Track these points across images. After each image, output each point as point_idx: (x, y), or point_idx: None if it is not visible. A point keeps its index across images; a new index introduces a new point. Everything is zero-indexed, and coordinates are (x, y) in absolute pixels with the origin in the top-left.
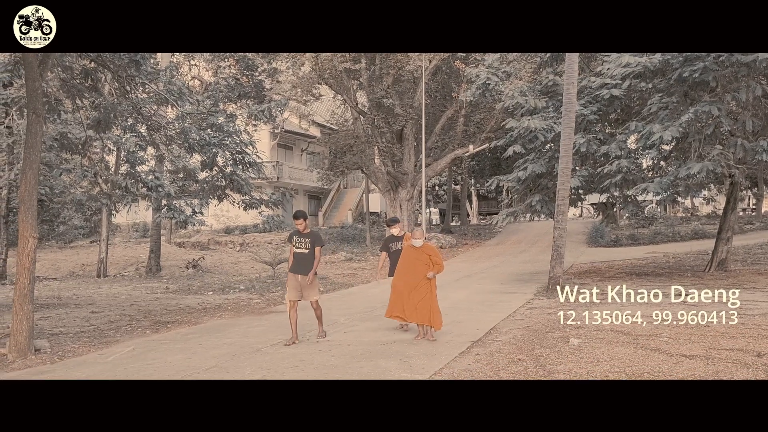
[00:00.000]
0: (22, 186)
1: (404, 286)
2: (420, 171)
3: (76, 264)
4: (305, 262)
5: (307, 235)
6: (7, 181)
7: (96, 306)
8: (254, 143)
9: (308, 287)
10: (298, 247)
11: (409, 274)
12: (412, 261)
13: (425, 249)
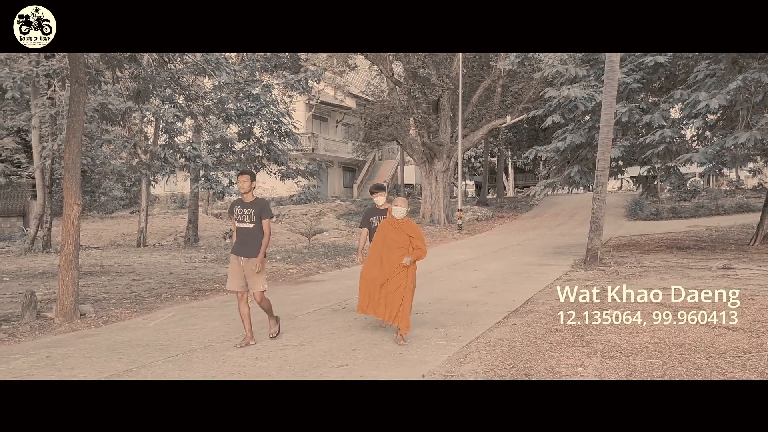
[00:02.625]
0: (66, 154)
1: (375, 274)
2: (456, 142)
3: (117, 233)
4: (250, 240)
5: (252, 204)
6: (50, 152)
7: (137, 274)
8: (291, 113)
9: (253, 274)
10: (240, 221)
11: (382, 259)
12: (386, 242)
13: (405, 226)
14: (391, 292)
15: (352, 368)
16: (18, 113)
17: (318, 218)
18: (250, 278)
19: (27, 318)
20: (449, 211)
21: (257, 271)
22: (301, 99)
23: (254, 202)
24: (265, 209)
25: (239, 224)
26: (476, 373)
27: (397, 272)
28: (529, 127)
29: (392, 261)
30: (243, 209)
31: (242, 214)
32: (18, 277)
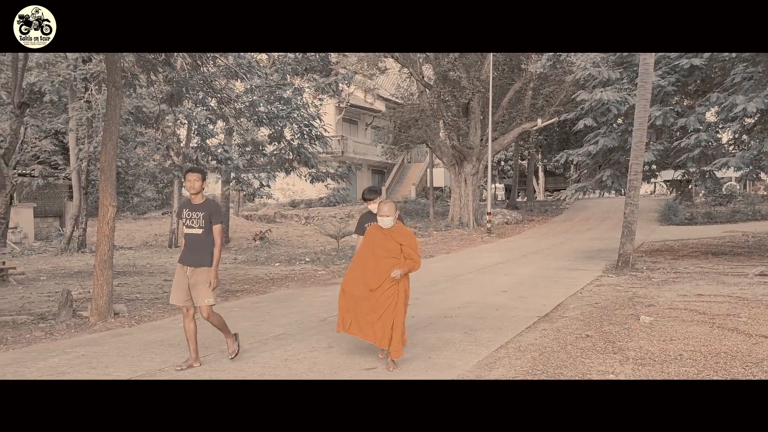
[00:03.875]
0: (103, 156)
1: (359, 289)
2: (486, 145)
3: (149, 234)
4: (198, 247)
5: (201, 207)
6: (86, 154)
7: (168, 274)
8: (321, 116)
9: (198, 285)
10: (188, 226)
11: (368, 270)
12: (375, 250)
13: (397, 233)
14: (380, 311)
15: (380, 372)
16: (56, 116)
17: (346, 220)
18: (195, 290)
19: (63, 316)
20: (478, 214)
21: (212, 287)
22: (331, 102)
23: (203, 204)
24: (215, 213)
25: (187, 230)
26: (506, 378)
27: (386, 286)
28: (560, 130)
29: (380, 272)
30: (191, 213)
31: (190, 218)
32: (54, 276)
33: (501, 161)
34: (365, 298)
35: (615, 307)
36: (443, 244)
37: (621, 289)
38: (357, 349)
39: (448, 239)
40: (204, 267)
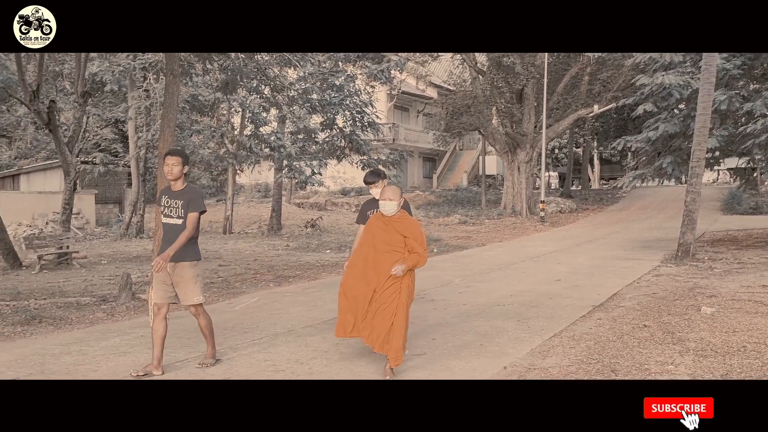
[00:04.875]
0: (161, 143)
1: (359, 287)
2: (540, 132)
3: (204, 221)
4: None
5: (181, 194)
6: (145, 142)
7: (223, 260)
8: (373, 103)
9: (182, 282)
10: (166, 215)
11: (368, 266)
12: (376, 243)
13: (399, 224)
14: (379, 310)
15: (431, 357)
16: (116, 105)
17: None
18: (180, 288)
19: (123, 299)
20: (531, 202)
21: (154, 269)
22: (383, 89)
23: (184, 191)
24: (194, 200)
25: (165, 219)
26: (560, 366)
27: (388, 284)
28: (618, 116)
29: (380, 269)
30: (170, 200)
31: (168, 206)
32: (114, 261)
33: (555, 149)
34: (367, 297)
35: (674, 297)
36: (495, 233)
37: (681, 280)
38: (410, 332)
39: (501, 228)
40: (185, 262)
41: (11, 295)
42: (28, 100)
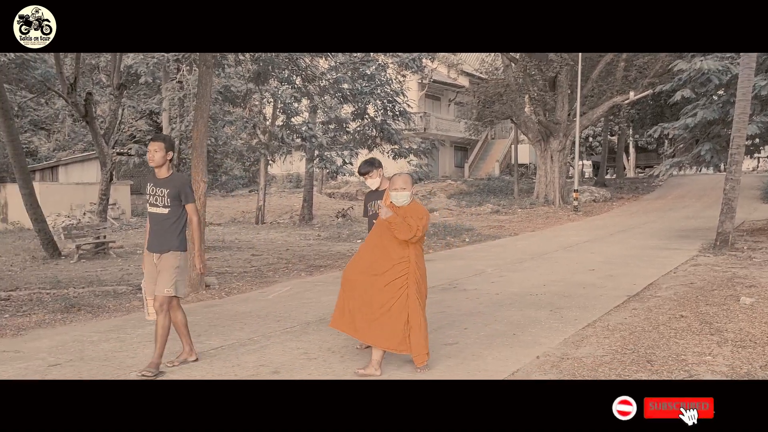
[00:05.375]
0: (195, 134)
1: (360, 277)
2: (573, 120)
3: (237, 211)
4: (164, 230)
5: (166, 182)
6: (178, 133)
7: (256, 250)
8: (405, 92)
9: (162, 271)
10: (152, 203)
11: (376, 254)
12: (382, 235)
13: (406, 211)
14: (388, 304)
15: (462, 346)
16: (150, 97)
17: (428, 198)
18: (159, 277)
19: None
20: (565, 191)
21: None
22: (414, 78)
23: (170, 179)
24: (184, 190)
25: (151, 208)
26: (594, 356)
27: (394, 274)
28: (654, 103)
29: (389, 257)
30: (155, 188)
31: (154, 194)
32: None
33: (589, 137)
34: (369, 283)
35: (712, 287)
36: (528, 222)
37: (719, 269)
38: (438, 324)
39: (533, 217)
40: (171, 252)
41: (51, 284)
42: (65, 93)
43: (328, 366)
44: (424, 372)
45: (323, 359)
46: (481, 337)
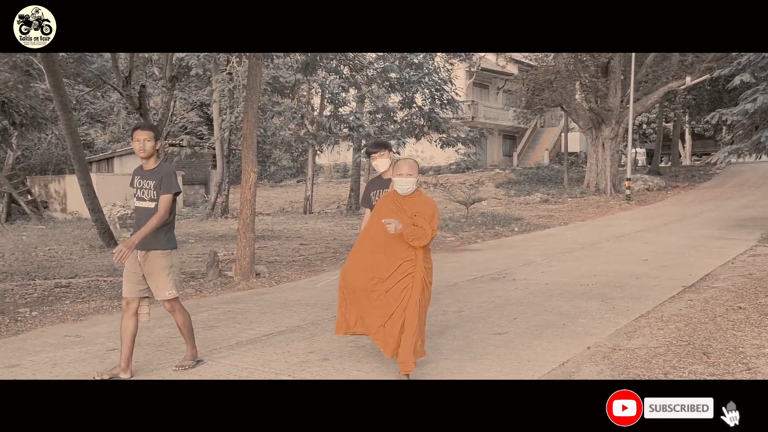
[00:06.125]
0: (245, 124)
1: (364, 278)
2: (626, 107)
3: (285, 201)
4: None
5: (153, 173)
6: (228, 124)
7: (304, 239)
8: (452, 81)
9: (153, 274)
10: (139, 197)
11: (377, 254)
12: (385, 228)
13: (411, 203)
14: (392, 308)
15: (512, 336)
16: (201, 89)
17: (476, 187)
18: (152, 281)
19: (211, 276)
20: (616, 180)
21: (116, 259)
22: (462, 66)
23: (157, 170)
24: (167, 180)
25: (138, 202)
26: (647, 348)
27: (399, 275)
28: (712, 88)
29: (392, 257)
30: (142, 181)
31: (141, 188)
32: (201, 240)
33: (642, 124)
34: (372, 290)
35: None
36: (578, 212)
37: None
38: (488, 313)
39: (584, 206)
40: (158, 250)
41: (108, 272)
42: (120, 86)
43: (376, 353)
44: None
45: (372, 346)
46: (530, 326)
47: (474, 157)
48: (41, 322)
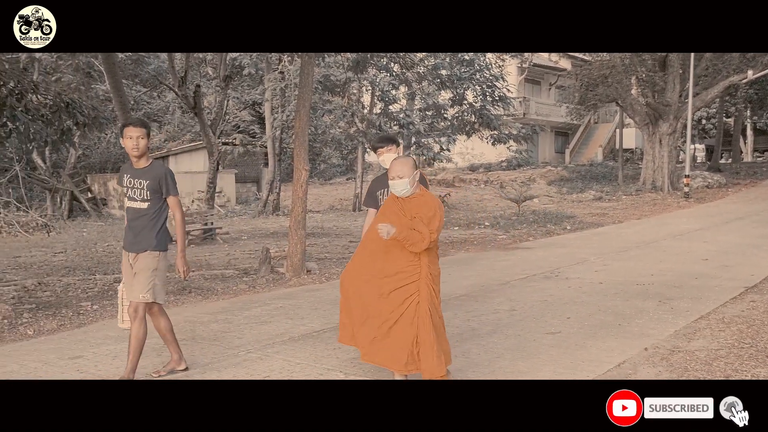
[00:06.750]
0: (297, 122)
1: (362, 285)
2: (685, 102)
3: (335, 199)
4: (141, 226)
5: (145, 172)
6: (280, 123)
7: (353, 236)
8: (504, 77)
9: (137, 274)
10: (130, 197)
11: (376, 260)
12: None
13: (413, 205)
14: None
15: (566, 336)
16: (253, 88)
17: (528, 184)
18: (135, 280)
19: (263, 272)
20: (674, 177)
21: (182, 274)
22: (513, 62)
23: (149, 169)
24: (165, 182)
25: (128, 202)
26: (707, 350)
27: (400, 283)
28: None
29: (392, 262)
30: (133, 180)
31: (132, 186)
32: (253, 236)
33: (702, 119)
34: (368, 297)
35: None
36: (633, 209)
37: None
38: (540, 312)
39: (639, 204)
40: (148, 252)
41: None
42: (176, 86)
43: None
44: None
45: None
46: (584, 326)
47: (525, 154)
48: (101, 316)
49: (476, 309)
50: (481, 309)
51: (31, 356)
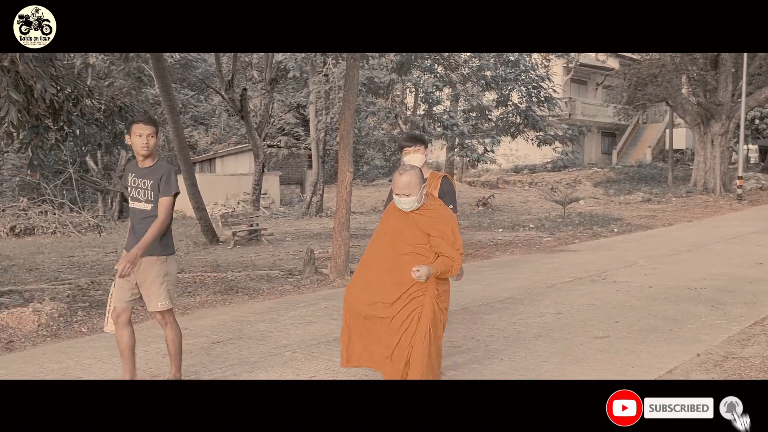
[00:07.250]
0: (341, 125)
1: (366, 299)
2: (738, 101)
3: (378, 200)
4: (145, 229)
5: (151, 172)
6: (324, 125)
7: None
8: (550, 77)
9: (146, 283)
10: (134, 197)
11: (381, 273)
12: (394, 244)
13: (422, 218)
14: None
15: (614, 341)
16: (298, 91)
17: (573, 186)
18: (143, 289)
19: (307, 273)
20: (726, 178)
21: (120, 273)
22: (559, 62)
23: (154, 169)
24: (166, 181)
25: (132, 203)
26: (762, 357)
27: (408, 297)
28: None
29: (400, 277)
30: (138, 180)
31: (137, 187)
32: (297, 238)
33: (755, 119)
34: (377, 316)
35: None
36: (684, 212)
37: None
38: (587, 316)
39: (690, 206)
40: (153, 257)
41: (212, 267)
42: (223, 89)
43: (466, 350)
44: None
45: (467, 347)
46: (633, 331)
47: (571, 156)
48: (151, 315)
49: (522, 312)
50: (526, 312)
51: (86, 353)
